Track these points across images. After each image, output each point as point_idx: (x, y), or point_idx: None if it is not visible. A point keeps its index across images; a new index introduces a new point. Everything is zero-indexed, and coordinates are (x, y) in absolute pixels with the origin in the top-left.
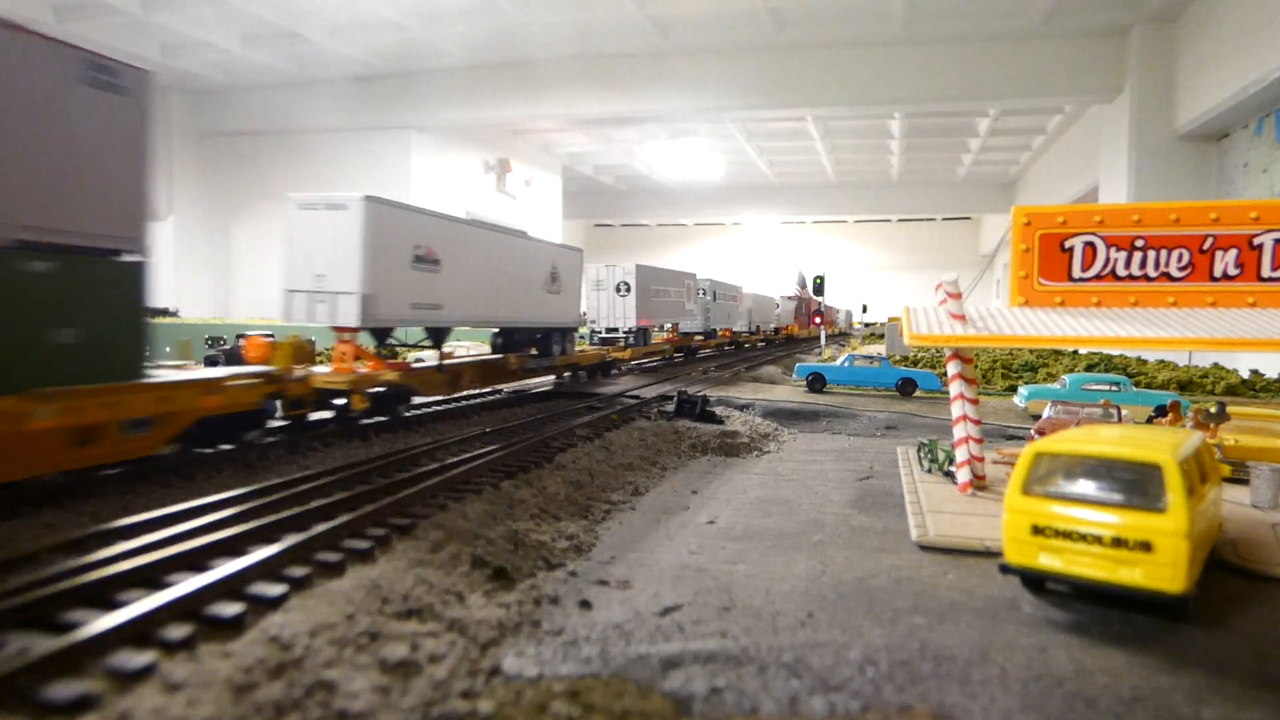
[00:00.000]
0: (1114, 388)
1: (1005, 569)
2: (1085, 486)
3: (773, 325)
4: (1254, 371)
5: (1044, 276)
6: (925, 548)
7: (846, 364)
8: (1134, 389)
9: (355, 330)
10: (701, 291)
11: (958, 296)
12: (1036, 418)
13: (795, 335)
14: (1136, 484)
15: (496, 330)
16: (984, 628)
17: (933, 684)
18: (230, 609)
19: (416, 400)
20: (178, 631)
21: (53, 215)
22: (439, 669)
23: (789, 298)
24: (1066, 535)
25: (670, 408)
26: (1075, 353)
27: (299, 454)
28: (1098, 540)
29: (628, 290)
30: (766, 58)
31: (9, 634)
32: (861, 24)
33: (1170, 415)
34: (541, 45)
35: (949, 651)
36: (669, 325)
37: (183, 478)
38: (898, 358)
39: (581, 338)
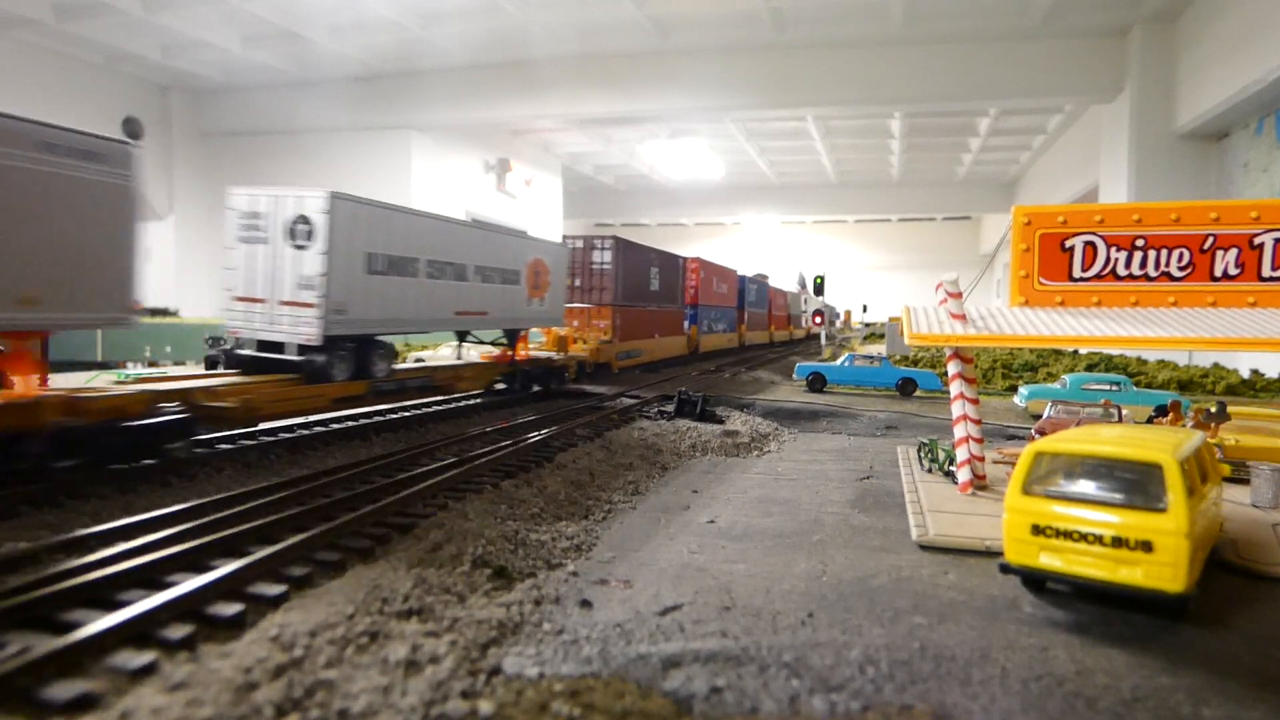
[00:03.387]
0: (1114, 387)
1: (1005, 569)
2: (1086, 486)
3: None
4: (1254, 371)
5: (1044, 276)
6: (925, 547)
7: (846, 364)
8: (1134, 389)
9: None
10: None
11: (958, 296)
12: (1036, 417)
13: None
14: (1137, 484)
15: None
16: (984, 628)
17: (933, 684)
18: (230, 608)
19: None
20: (178, 631)
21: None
22: (439, 669)
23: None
24: (1067, 535)
25: (671, 408)
26: (1075, 352)
27: (299, 453)
28: (1098, 540)
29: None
30: (766, 58)
31: (9, 634)
32: (861, 24)
33: (1170, 415)
34: (542, 45)
35: (949, 651)
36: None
37: (183, 478)
38: (898, 358)
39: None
